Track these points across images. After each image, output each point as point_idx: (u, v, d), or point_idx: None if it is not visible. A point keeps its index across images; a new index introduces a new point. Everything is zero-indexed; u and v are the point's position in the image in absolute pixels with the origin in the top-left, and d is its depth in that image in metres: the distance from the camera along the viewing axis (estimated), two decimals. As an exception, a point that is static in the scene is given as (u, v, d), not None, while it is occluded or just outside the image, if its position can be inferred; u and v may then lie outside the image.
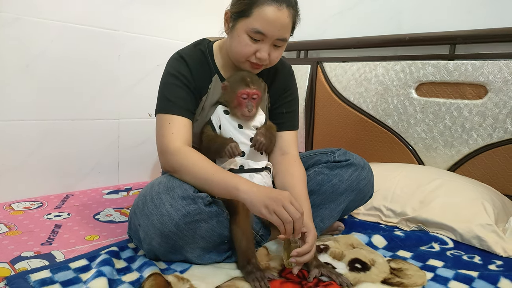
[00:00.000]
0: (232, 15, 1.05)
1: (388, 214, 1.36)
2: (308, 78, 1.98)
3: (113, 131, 1.77)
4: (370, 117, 1.79)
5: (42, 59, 1.52)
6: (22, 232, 1.19)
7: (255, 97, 1.07)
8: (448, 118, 1.57)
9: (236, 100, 1.06)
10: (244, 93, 1.05)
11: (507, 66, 1.42)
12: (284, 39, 1.05)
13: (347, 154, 1.18)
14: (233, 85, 1.07)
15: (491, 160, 1.49)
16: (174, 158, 1.00)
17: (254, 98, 1.07)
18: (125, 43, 1.75)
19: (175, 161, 1.00)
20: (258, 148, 1.06)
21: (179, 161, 0.99)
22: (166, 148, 1.02)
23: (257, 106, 1.09)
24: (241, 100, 1.06)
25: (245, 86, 1.05)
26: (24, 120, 1.51)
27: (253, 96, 1.06)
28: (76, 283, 0.88)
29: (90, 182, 1.72)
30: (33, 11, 1.48)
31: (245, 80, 1.06)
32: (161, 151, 1.04)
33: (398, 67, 1.69)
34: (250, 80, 1.06)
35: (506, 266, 1.04)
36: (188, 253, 0.97)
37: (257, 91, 1.07)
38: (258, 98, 1.08)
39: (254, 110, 1.07)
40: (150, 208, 0.93)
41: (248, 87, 1.05)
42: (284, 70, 1.22)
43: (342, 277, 0.92)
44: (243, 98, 1.06)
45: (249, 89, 1.05)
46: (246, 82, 1.06)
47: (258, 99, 1.08)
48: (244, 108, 1.06)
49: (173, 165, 1.01)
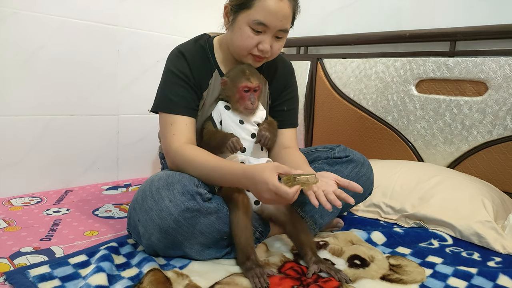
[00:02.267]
0: (232, 8, 1.05)
1: (387, 210, 1.37)
2: (308, 75, 1.97)
3: (112, 127, 1.77)
4: (370, 114, 1.79)
5: (40, 54, 1.52)
6: (21, 228, 1.19)
7: (257, 89, 1.07)
8: (448, 115, 1.57)
9: (237, 94, 1.06)
10: (245, 87, 1.05)
11: (508, 63, 1.42)
12: (286, 29, 1.05)
13: (346, 150, 1.18)
14: (234, 79, 1.07)
15: (491, 157, 1.48)
16: (176, 157, 1.04)
17: (256, 91, 1.07)
18: (124, 39, 1.74)
19: (177, 160, 1.04)
20: (264, 143, 1.06)
21: (181, 159, 1.03)
22: (168, 149, 1.05)
23: (259, 99, 1.10)
24: (243, 94, 1.06)
25: (246, 79, 1.05)
26: (23, 116, 1.51)
27: (255, 88, 1.07)
28: (76, 279, 0.88)
29: (89, 177, 1.72)
30: (31, 6, 1.47)
31: (245, 74, 1.06)
32: (165, 152, 1.08)
33: (398, 63, 1.68)
34: (250, 73, 1.06)
35: (505, 263, 1.04)
36: (187, 248, 0.97)
37: (258, 84, 1.07)
38: (259, 90, 1.08)
39: (257, 103, 1.08)
40: (150, 203, 0.93)
41: (249, 81, 1.05)
42: (285, 68, 1.22)
43: (341, 273, 0.92)
44: (245, 92, 1.06)
45: (250, 82, 1.05)
46: (246, 76, 1.06)
47: (260, 91, 1.09)
48: (246, 101, 1.06)
49: (177, 164, 1.05)
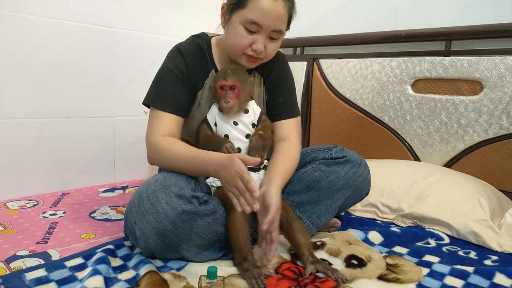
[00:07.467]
0: (228, 8, 1.05)
1: (384, 210, 1.37)
2: (305, 75, 1.98)
3: (109, 129, 1.76)
4: (366, 114, 1.79)
5: (37, 56, 1.51)
6: (17, 231, 1.18)
7: (234, 88, 1.05)
8: (444, 114, 1.57)
9: (217, 94, 1.07)
10: (220, 85, 1.05)
11: (503, 62, 1.43)
12: (280, 31, 1.05)
13: (343, 151, 1.18)
14: (215, 78, 1.08)
15: (487, 156, 1.49)
16: (154, 150, 1.06)
17: (233, 89, 1.05)
18: (120, 40, 1.74)
19: (154, 153, 1.06)
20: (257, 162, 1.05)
21: (157, 151, 1.05)
22: (147, 142, 1.08)
23: (239, 99, 1.07)
24: (220, 92, 1.06)
25: (222, 78, 1.05)
26: (19, 118, 1.50)
27: (231, 87, 1.05)
28: (72, 282, 0.88)
29: (86, 180, 1.71)
30: (27, 8, 1.46)
31: (224, 73, 1.06)
32: (146, 145, 1.10)
33: (394, 63, 1.69)
34: (231, 71, 1.05)
35: (501, 261, 1.05)
36: (184, 251, 0.97)
37: (234, 83, 1.05)
38: (238, 90, 1.06)
39: (232, 102, 1.05)
40: (146, 206, 0.93)
41: (224, 79, 1.05)
42: (278, 60, 1.21)
43: (338, 273, 0.92)
44: (221, 90, 1.06)
45: (224, 81, 1.05)
46: (223, 74, 1.05)
47: (239, 91, 1.06)
48: (222, 99, 1.05)
49: (154, 157, 1.07)
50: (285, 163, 1.08)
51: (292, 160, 1.11)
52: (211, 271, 0.82)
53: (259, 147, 1.07)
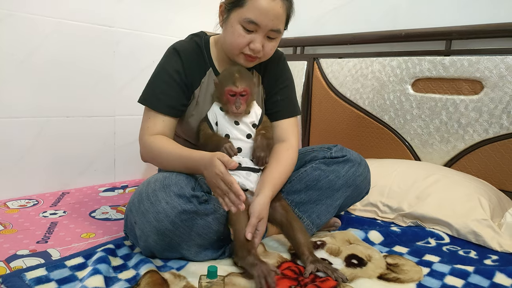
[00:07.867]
0: (226, 6, 1.05)
1: (384, 210, 1.37)
2: (305, 75, 1.97)
3: (109, 128, 1.76)
4: (367, 113, 1.79)
5: (36, 55, 1.51)
6: (17, 230, 1.18)
7: (244, 94, 1.05)
8: (444, 114, 1.57)
9: (224, 97, 1.05)
10: (230, 91, 1.04)
11: (503, 62, 1.42)
12: (278, 30, 1.04)
13: (343, 150, 1.18)
14: (222, 82, 1.06)
15: (487, 156, 1.49)
16: (145, 149, 1.09)
17: (243, 95, 1.05)
18: (120, 40, 1.74)
19: (146, 152, 1.08)
20: (262, 163, 1.05)
21: (148, 150, 1.07)
22: (140, 141, 1.10)
23: (247, 102, 1.07)
24: (229, 98, 1.05)
25: (232, 83, 1.03)
26: (19, 118, 1.50)
27: (241, 93, 1.04)
28: (72, 281, 0.88)
29: (86, 179, 1.71)
30: (27, 7, 1.46)
31: (232, 77, 1.04)
32: (139, 143, 1.11)
33: (395, 63, 1.69)
34: (239, 76, 1.04)
35: (501, 261, 1.05)
36: (184, 250, 0.97)
37: (245, 89, 1.04)
38: (247, 95, 1.06)
39: (243, 107, 1.05)
40: (146, 205, 0.93)
41: (234, 85, 1.03)
42: (275, 57, 1.19)
43: (338, 272, 0.92)
44: (231, 96, 1.04)
45: (235, 87, 1.03)
46: (233, 80, 1.04)
47: (248, 96, 1.06)
48: (232, 105, 1.04)
49: (146, 156, 1.09)
50: (279, 169, 1.08)
51: (287, 165, 1.11)
52: (211, 271, 0.82)
53: (264, 146, 1.07)
